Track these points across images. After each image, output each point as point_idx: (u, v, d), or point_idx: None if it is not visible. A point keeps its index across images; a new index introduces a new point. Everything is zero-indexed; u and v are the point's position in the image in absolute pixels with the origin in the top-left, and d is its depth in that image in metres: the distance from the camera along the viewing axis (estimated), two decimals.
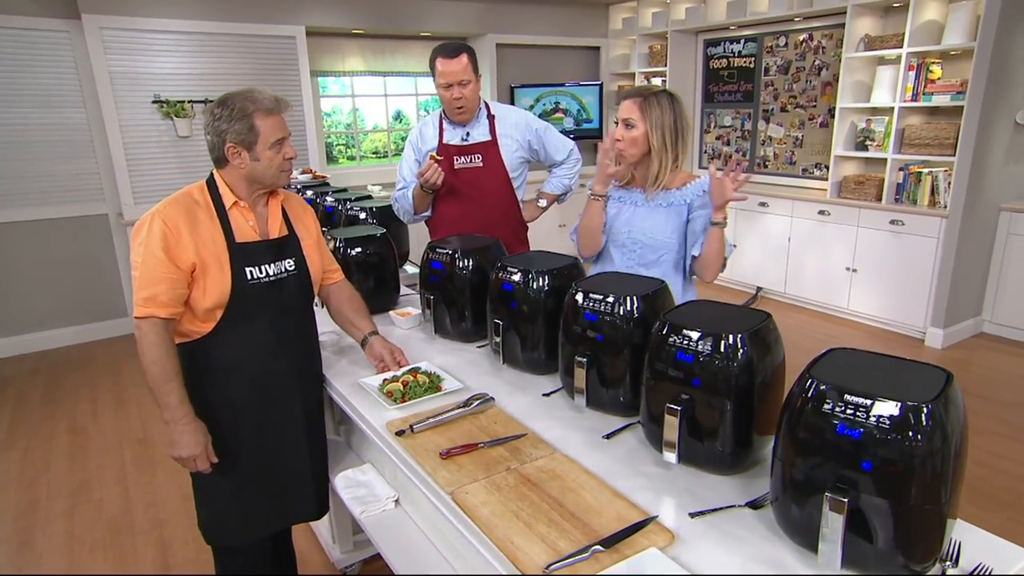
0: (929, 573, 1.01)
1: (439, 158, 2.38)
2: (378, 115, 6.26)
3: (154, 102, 4.57)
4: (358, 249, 2.33)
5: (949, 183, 4.21)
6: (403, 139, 6.47)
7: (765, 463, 1.33)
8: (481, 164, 2.50)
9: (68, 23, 4.38)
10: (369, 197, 3.27)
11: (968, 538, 1.10)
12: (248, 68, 4.87)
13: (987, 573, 1.02)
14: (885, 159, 4.52)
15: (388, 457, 1.73)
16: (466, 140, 2.51)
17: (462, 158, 2.48)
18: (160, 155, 4.69)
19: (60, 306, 4.74)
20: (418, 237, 3.24)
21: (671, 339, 1.29)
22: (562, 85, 6.51)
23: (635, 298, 1.48)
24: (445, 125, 2.52)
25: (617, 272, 1.88)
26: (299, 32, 5.02)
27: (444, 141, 2.51)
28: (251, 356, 1.68)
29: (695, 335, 1.26)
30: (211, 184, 1.66)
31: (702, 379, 1.24)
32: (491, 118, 2.53)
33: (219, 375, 1.66)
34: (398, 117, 6.41)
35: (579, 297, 1.55)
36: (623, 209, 2.10)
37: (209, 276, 1.57)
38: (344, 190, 3.65)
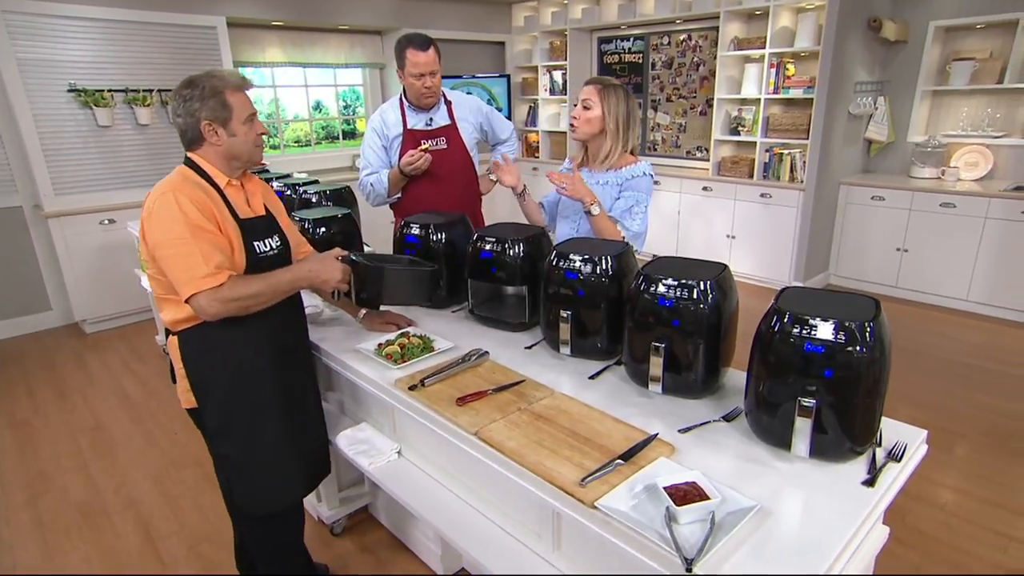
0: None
1: (425, 147, 2.40)
2: (299, 105, 5.96)
3: (70, 91, 4.10)
4: (324, 229, 2.28)
5: (804, 162, 4.67)
6: (324, 128, 6.22)
7: (727, 387, 1.50)
8: (446, 146, 2.51)
9: None
10: (316, 182, 3.16)
11: (884, 426, 1.31)
12: (169, 57, 4.47)
13: (903, 447, 1.22)
14: (755, 142, 4.93)
15: (390, 413, 1.76)
16: (430, 125, 2.50)
17: (428, 141, 2.47)
18: (80, 145, 4.22)
19: None
20: (369, 218, 3.18)
21: (651, 288, 1.40)
22: (473, 76, 6.50)
23: (610, 258, 1.59)
24: (408, 112, 2.49)
25: (584, 238, 1.96)
26: (220, 23, 4.66)
27: (409, 127, 2.49)
28: (266, 328, 1.61)
29: (673, 283, 1.38)
30: (193, 166, 1.56)
31: (681, 320, 1.37)
32: (448, 104, 2.53)
33: (244, 348, 1.59)
34: (318, 107, 6.15)
35: (560, 259, 1.64)
36: None
37: (234, 251, 1.51)
38: (289, 175, 3.49)
